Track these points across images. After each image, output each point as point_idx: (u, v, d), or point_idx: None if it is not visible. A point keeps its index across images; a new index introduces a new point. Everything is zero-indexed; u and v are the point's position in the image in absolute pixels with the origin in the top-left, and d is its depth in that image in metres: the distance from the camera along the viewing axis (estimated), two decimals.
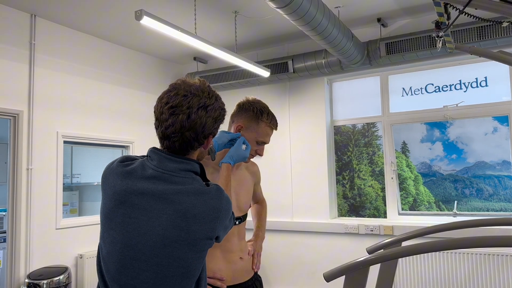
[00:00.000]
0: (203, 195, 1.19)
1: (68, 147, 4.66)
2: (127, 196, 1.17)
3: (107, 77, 4.39)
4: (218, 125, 1.28)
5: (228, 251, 1.68)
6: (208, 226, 1.18)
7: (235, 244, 1.72)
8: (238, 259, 1.72)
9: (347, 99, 4.56)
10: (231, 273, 1.67)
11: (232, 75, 4.61)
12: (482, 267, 3.54)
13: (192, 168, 1.23)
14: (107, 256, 1.18)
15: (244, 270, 1.74)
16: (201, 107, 1.20)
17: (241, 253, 1.75)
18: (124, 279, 1.16)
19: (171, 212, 1.15)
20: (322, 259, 4.27)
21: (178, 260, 1.15)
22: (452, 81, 4.01)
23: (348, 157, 4.52)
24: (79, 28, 4.06)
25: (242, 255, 1.75)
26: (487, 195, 3.83)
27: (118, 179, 1.20)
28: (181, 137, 1.19)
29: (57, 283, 3.38)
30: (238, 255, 1.72)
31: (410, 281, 3.80)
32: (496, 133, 3.83)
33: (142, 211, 1.16)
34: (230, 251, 1.69)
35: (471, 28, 3.46)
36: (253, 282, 1.78)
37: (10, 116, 3.52)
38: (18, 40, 3.60)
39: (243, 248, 1.77)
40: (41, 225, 3.64)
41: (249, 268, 1.78)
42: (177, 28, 2.98)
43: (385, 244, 1.96)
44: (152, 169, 1.20)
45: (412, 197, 4.16)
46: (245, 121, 1.71)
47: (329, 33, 3.21)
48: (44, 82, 3.77)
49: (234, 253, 1.70)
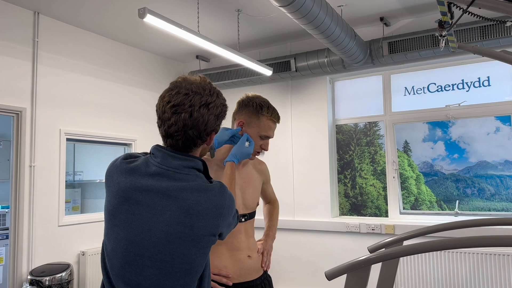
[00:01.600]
0: (207, 192, 1.20)
1: (71, 145, 4.67)
2: (131, 193, 1.18)
3: (110, 75, 4.40)
4: (220, 122, 1.29)
5: (235, 249, 1.67)
6: (211, 222, 1.18)
7: (243, 242, 1.71)
8: (246, 257, 1.70)
9: (349, 98, 4.56)
10: (237, 271, 1.66)
11: (234, 73, 4.62)
12: (484, 266, 3.54)
13: (195, 165, 1.24)
14: (112, 253, 1.19)
15: (253, 268, 1.72)
16: (203, 105, 1.20)
17: (249, 251, 1.73)
18: (128, 275, 1.16)
19: (175, 209, 1.15)
20: (323, 257, 4.28)
21: (182, 256, 1.16)
22: (455, 80, 4.00)
23: (350, 156, 4.52)
24: (82, 26, 4.07)
25: (251, 253, 1.73)
26: (489, 194, 3.83)
27: (122, 176, 1.20)
28: (184, 136, 1.20)
29: (60, 280, 3.39)
30: (246, 253, 1.71)
31: (411, 280, 3.80)
32: (498, 133, 3.82)
33: (146, 207, 1.16)
34: (237, 249, 1.68)
35: (474, 28, 3.45)
36: (262, 281, 1.76)
37: (13, 113, 3.54)
38: (22, 38, 3.61)
39: (252, 247, 1.75)
40: (44, 222, 3.66)
41: (258, 267, 1.75)
42: (180, 26, 2.98)
43: (387, 243, 1.96)
44: (156, 166, 1.20)
45: (413, 197, 4.16)
46: (246, 117, 1.71)
47: (332, 32, 3.21)
48: (47, 79, 3.78)
49: (241, 251, 1.69)
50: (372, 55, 3.94)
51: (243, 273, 1.68)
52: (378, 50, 3.88)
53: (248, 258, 1.71)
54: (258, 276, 1.74)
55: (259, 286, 1.73)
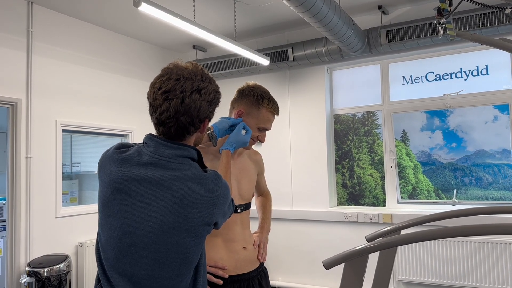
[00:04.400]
0: (201, 181, 1.18)
1: (68, 136, 4.65)
2: (124, 183, 1.16)
3: (106, 66, 4.36)
4: (213, 108, 1.26)
5: (230, 240, 1.66)
6: (206, 212, 1.17)
7: (238, 233, 1.69)
8: (241, 248, 1.68)
9: (347, 88, 4.54)
10: (233, 263, 1.64)
11: (231, 63, 4.58)
12: (481, 255, 3.56)
13: (189, 154, 1.22)
14: (106, 244, 1.18)
15: (248, 260, 1.70)
16: (194, 91, 1.18)
17: (245, 243, 1.71)
18: (122, 266, 1.15)
19: (169, 199, 1.14)
20: (321, 247, 4.29)
21: (177, 246, 1.14)
22: (453, 69, 3.98)
23: (348, 146, 4.52)
24: (77, 15, 4.02)
25: (246, 245, 1.71)
26: (486, 183, 3.84)
27: (115, 166, 1.19)
28: (176, 122, 1.18)
29: (58, 271, 3.40)
30: (241, 244, 1.69)
31: (409, 269, 3.83)
32: (496, 122, 3.82)
33: (139, 197, 1.15)
34: (233, 240, 1.66)
35: (472, 16, 3.43)
36: (258, 273, 1.74)
37: (8, 105, 3.51)
38: (16, 28, 3.57)
39: (247, 238, 1.74)
40: (41, 213, 3.65)
41: (253, 258, 1.73)
42: (176, 15, 2.95)
43: (384, 232, 1.96)
44: (149, 156, 1.19)
45: (411, 186, 4.17)
46: (246, 107, 1.68)
47: (330, 20, 3.18)
48: (42, 70, 3.74)
49: (237, 243, 1.67)
50: (370, 44, 3.91)
51: (239, 265, 1.66)
52: (376, 39, 3.85)
53: (244, 249, 1.69)
54: (254, 268, 1.72)
55: (255, 279, 1.71)
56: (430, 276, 3.74)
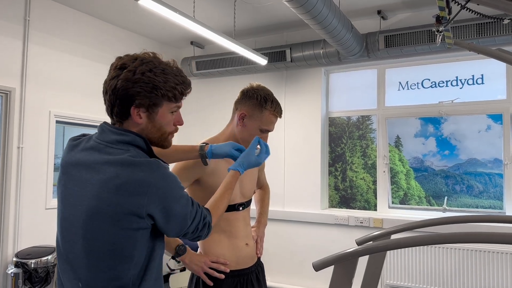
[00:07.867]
0: (131, 166, 1.10)
1: (60, 127, 4.61)
2: (67, 168, 1.19)
3: (102, 58, 4.33)
4: (144, 95, 1.15)
5: (234, 237, 1.69)
6: (132, 200, 1.07)
7: (241, 230, 1.72)
8: (244, 245, 1.73)
9: (343, 91, 4.55)
10: (235, 259, 1.68)
11: (229, 61, 4.57)
12: (469, 262, 3.59)
13: (131, 141, 1.17)
14: (57, 230, 1.20)
15: (249, 256, 1.75)
16: (118, 68, 1.18)
17: (247, 239, 1.75)
18: (65, 252, 1.16)
19: (95, 182, 1.10)
20: (311, 249, 4.30)
21: (102, 234, 1.09)
22: (449, 77, 4.01)
23: (342, 149, 4.53)
24: (75, 6, 3.98)
25: (248, 241, 1.75)
26: (477, 192, 3.87)
27: (65, 153, 1.23)
28: (108, 101, 1.20)
29: (45, 263, 3.37)
30: (244, 241, 1.73)
31: (397, 274, 3.85)
32: (489, 131, 3.85)
33: (75, 182, 1.15)
34: (236, 237, 1.70)
35: (470, 25, 3.45)
36: (256, 267, 1.80)
37: (1, 93, 3.47)
38: (12, 16, 3.53)
39: (249, 234, 1.78)
40: (31, 204, 3.62)
41: (253, 254, 1.79)
42: (175, 11, 2.93)
43: (375, 236, 1.97)
44: (93, 141, 1.19)
45: (403, 191, 4.19)
46: (249, 109, 1.68)
47: (329, 23, 3.19)
48: (38, 59, 3.71)
49: (240, 239, 1.71)
50: (368, 48, 3.92)
51: (240, 261, 1.71)
52: (374, 44, 3.87)
53: (246, 246, 1.74)
54: (253, 264, 1.78)
55: (253, 273, 1.77)
56: (418, 282, 3.77)
